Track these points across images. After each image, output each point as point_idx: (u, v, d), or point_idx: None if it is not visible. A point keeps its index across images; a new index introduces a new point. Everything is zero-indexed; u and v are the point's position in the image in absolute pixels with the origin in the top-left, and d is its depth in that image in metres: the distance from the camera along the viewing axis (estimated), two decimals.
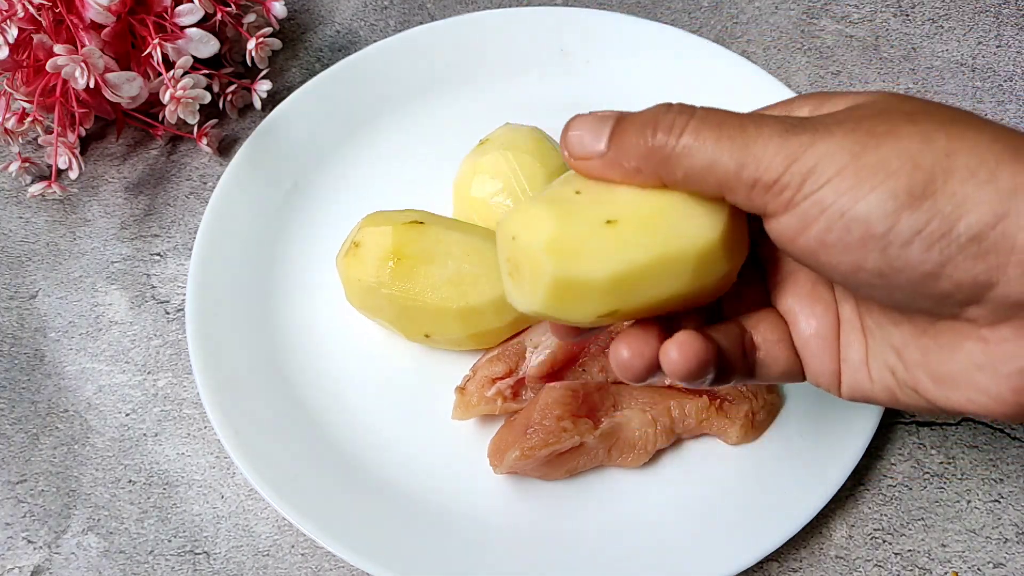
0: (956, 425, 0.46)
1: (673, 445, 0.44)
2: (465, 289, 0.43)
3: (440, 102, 0.56)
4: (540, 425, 0.41)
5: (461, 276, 0.43)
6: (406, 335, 0.45)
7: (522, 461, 0.41)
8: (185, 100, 0.50)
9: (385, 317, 0.45)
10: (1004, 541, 0.43)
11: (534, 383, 0.44)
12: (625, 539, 0.41)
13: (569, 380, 0.44)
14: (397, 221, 0.44)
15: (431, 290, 0.43)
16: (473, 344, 0.45)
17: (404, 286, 0.43)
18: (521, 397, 0.44)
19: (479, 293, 0.43)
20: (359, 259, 0.44)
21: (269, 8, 0.56)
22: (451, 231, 0.44)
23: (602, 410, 0.43)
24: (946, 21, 0.61)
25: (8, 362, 0.50)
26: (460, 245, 0.44)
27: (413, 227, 0.44)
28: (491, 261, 0.44)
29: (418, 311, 0.43)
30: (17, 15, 0.48)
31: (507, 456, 0.41)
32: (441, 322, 0.44)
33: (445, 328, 0.44)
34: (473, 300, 0.43)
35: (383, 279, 0.43)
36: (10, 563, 0.44)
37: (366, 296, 0.44)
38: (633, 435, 0.43)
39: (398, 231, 0.44)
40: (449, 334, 0.44)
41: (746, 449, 0.44)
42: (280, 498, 0.41)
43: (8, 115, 0.50)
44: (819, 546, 0.43)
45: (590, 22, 0.56)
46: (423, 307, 0.43)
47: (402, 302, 0.43)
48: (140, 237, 0.53)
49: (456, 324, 0.43)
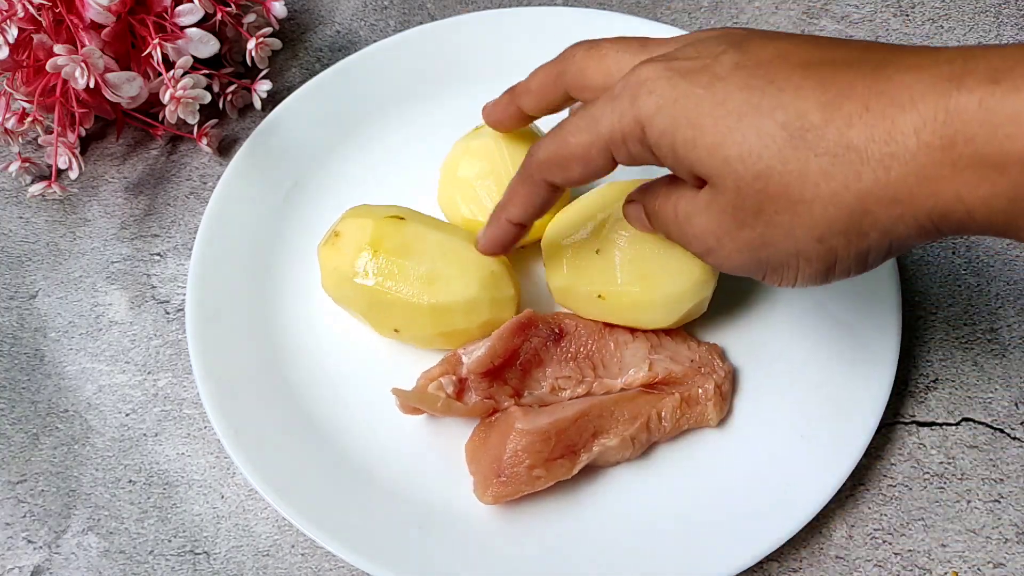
0: (956, 425, 0.46)
1: (672, 446, 0.44)
2: (437, 287, 0.43)
3: (440, 102, 0.56)
4: (512, 473, 0.41)
5: (435, 274, 0.43)
6: (377, 329, 0.45)
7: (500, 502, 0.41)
8: (185, 100, 0.50)
9: (357, 308, 0.44)
10: (1004, 541, 0.43)
11: (477, 383, 0.43)
12: (624, 539, 0.41)
13: (512, 383, 0.44)
14: (378, 215, 0.45)
15: (404, 285, 0.43)
16: (442, 343, 0.45)
17: (377, 279, 0.43)
18: (465, 399, 0.43)
19: (451, 292, 0.43)
20: (337, 248, 0.44)
21: (269, 8, 0.56)
22: (431, 230, 0.45)
23: (581, 443, 0.42)
24: (946, 21, 0.61)
25: (8, 362, 0.50)
26: (438, 244, 0.44)
27: (393, 222, 0.44)
28: (467, 262, 0.44)
29: (389, 305, 0.43)
30: (17, 15, 0.48)
31: (484, 496, 0.41)
32: (411, 318, 0.43)
33: (414, 324, 0.44)
34: (444, 298, 0.43)
35: (358, 270, 0.43)
36: (10, 563, 0.44)
37: (341, 285, 0.44)
38: (612, 458, 0.43)
39: (378, 224, 0.44)
40: (418, 331, 0.44)
41: (745, 450, 0.44)
42: (280, 498, 0.41)
43: (8, 115, 0.50)
44: (819, 546, 0.43)
45: (590, 22, 0.56)
46: (394, 301, 0.43)
47: (374, 294, 0.43)
48: (140, 237, 0.53)
49: (426, 321, 0.43)
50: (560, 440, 0.41)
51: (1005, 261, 0.51)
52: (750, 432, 0.44)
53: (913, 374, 0.47)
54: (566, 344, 0.45)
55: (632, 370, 0.44)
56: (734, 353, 0.46)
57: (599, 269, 0.43)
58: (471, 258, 0.44)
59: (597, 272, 0.43)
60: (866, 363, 0.44)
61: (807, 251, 0.32)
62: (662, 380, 0.44)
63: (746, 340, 0.47)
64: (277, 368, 0.47)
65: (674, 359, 0.44)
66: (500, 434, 0.42)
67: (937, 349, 0.48)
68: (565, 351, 0.45)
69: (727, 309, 0.47)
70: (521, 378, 0.44)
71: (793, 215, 0.31)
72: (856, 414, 0.43)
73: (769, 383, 0.45)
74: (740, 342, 0.47)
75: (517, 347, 0.44)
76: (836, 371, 0.45)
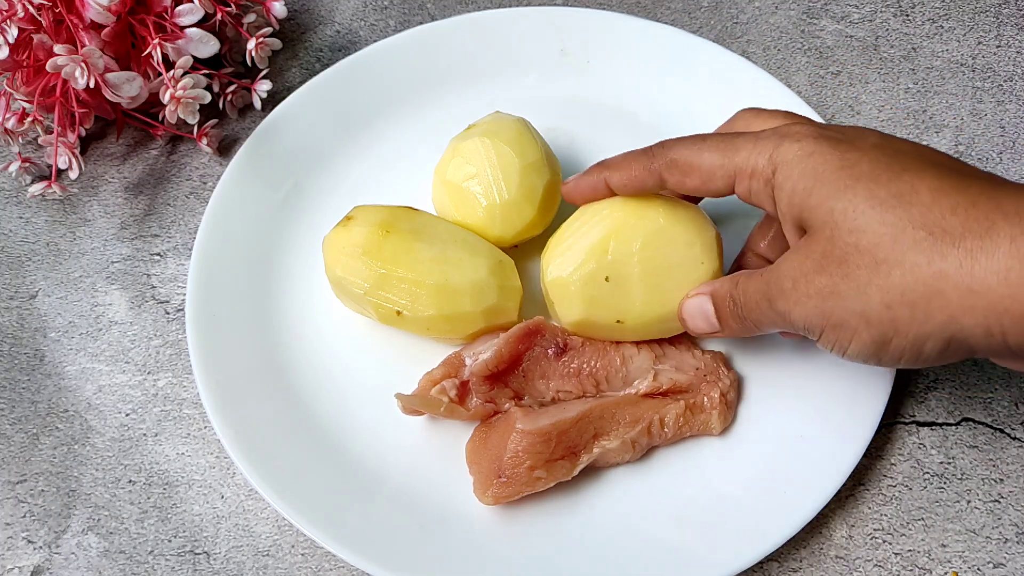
0: (956, 425, 0.46)
1: (673, 447, 0.44)
2: (447, 268, 0.44)
3: (440, 102, 0.56)
4: (512, 474, 0.41)
5: (445, 256, 0.44)
6: (378, 313, 0.44)
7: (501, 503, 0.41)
8: (185, 100, 0.50)
9: (362, 289, 0.44)
10: (1004, 541, 0.43)
11: (479, 386, 0.43)
12: (624, 540, 0.41)
13: (513, 386, 0.44)
14: (391, 206, 0.46)
15: (412, 263, 0.44)
16: (445, 329, 0.44)
17: (386, 255, 0.44)
18: (467, 404, 0.43)
19: (460, 274, 0.44)
20: (348, 229, 0.45)
21: (269, 8, 0.56)
22: (442, 220, 0.46)
23: (581, 445, 0.42)
24: (946, 21, 0.61)
25: (8, 362, 0.50)
26: (449, 231, 0.45)
27: (406, 210, 0.46)
28: (477, 248, 0.45)
29: (395, 281, 0.43)
30: (17, 15, 0.48)
31: (484, 497, 0.41)
32: (416, 297, 0.43)
33: (419, 305, 0.43)
34: (452, 279, 0.43)
35: (367, 247, 0.44)
36: (10, 563, 0.44)
37: (348, 263, 0.44)
38: (612, 460, 0.43)
39: (392, 210, 0.46)
40: (422, 311, 0.44)
41: (746, 450, 0.44)
42: (280, 498, 0.41)
43: (8, 115, 0.50)
44: (819, 546, 0.43)
45: (590, 22, 0.56)
46: (400, 278, 0.43)
47: (380, 270, 0.43)
48: (140, 237, 0.53)
49: (431, 301, 0.43)
50: (561, 441, 0.41)
51: None
52: (750, 433, 0.44)
53: (913, 374, 0.47)
54: (568, 359, 0.44)
55: (636, 381, 0.44)
56: (735, 360, 0.46)
57: (613, 296, 0.42)
58: (481, 246, 0.45)
59: (613, 300, 0.43)
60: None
61: (871, 314, 0.33)
62: (667, 390, 0.44)
63: (747, 346, 0.47)
64: (277, 368, 0.47)
65: (679, 368, 0.44)
66: (501, 434, 0.42)
67: None
68: (567, 366, 0.44)
69: None
70: (522, 384, 0.44)
71: (872, 273, 0.32)
72: (856, 414, 0.43)
73: (769, 385, 0.45)
74: (741, 348, 0.47)
75: (521, 354, 0.44)
76: (836, 371, 0.45)
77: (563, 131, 0.54)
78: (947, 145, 0.55)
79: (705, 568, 0.39)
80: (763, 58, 0.59)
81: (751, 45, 0.60)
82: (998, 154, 0.55)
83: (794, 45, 0.60)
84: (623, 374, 0.44)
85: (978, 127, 0.56)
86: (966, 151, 0.55)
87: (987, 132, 0.55)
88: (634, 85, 0.55)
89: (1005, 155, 0.55)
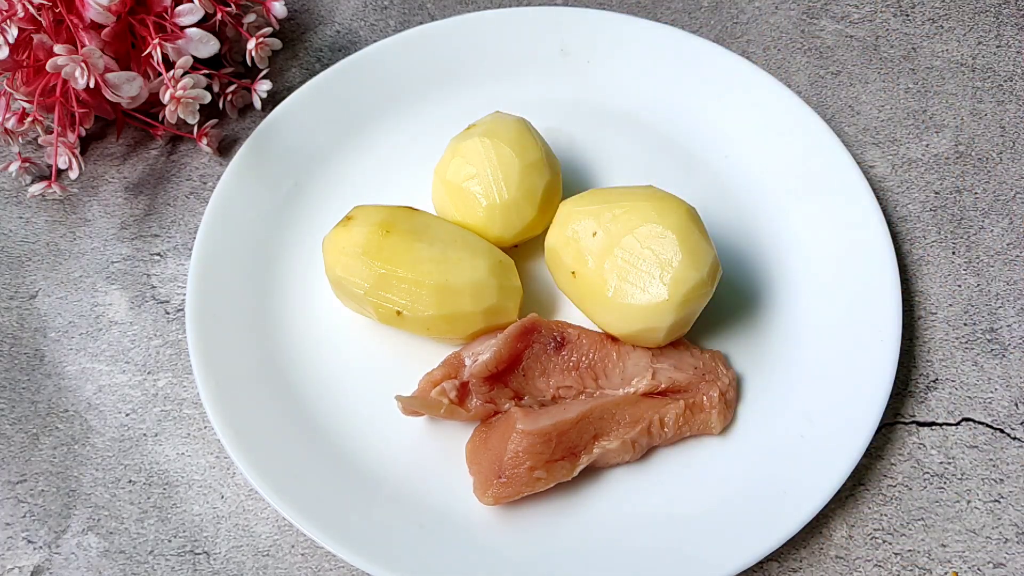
0: (956, 425, 0.46)
1: (673, 447, 0.44)
2: (447, 268, 0.44)
3: (440, 102, 0.56)
4: (512, 474, 0.41)
5: (445, 256, 0.44)
6: (378, 312, 0.45)
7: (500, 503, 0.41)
8: (185, 100, 0.50)
9: (362, 289, 0.44)
10: (1004, 541, 0.43)
11: (479, 387, 0.44)
12: (624, 540, 0.41)
13: (512, 386, 0.44)
14: (391, 206, 0.46)
15: (412, 263, 0.44)
16: (445, 329, 0.45)
17: (387, 255, 0.44)
18: (467, 404, 0.43)
19: (459, 273, 0.44)
20: (348, 229, 0.45)
21: (269, 8, 0.56)
22: (442, 221, 0.46)
23: (581, 445, 0.42)
24: (946, 21, 0.61)
25: (8, 362, 0.50)
26: (449, 232, 0.45)
27: (406, 210, 0.46)
28: (477, 249, 0.45)
29: (395, 281, 0.44)
30: (17, 15, 0.48)
31: (484, 497, 0.41)
32: (416, 297, 0.44)
33: (419, 304, 0.44)
34: (452, 279, 0.43)
35: (368, 247, 0.44)
36: (10, 563, 0.44)
37: (349, 263, 0.44)
38: (612, 460, 0.43)
39: (392, 210, 0.46)
40: (422, 311, 0.44)
41: (746, 449, 0.44)
42: (280, 498, 0.41)
43: (8, 115, 0.50)
44: (819, 546, 0.43)
45: (590, 22, 0.56)
46: (400, 278, 0.43)
47: (380, 270, 0.44)
48: (140, 237, 0.53)
49: (431, 301, 0.44)
50: (561, 442, 0.41)
51: (1005, 261, 0.51)
52: (750, 433, 0.44)
53: (913, 374, 0.47)
54: (567, 353, 0.45)
55: (635, 379, 0.44)
56: (735, 359, 0.46)
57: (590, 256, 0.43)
58: (481, 246, 0.45)
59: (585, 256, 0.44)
60: (866, 363, 0.44)
61: None
62: (665, 390, 0.44)
63: (747, 345, 0.47)
64: (277, 368, 0.47)
65: (677, 367, 0.44)
66: (501, 435, 0.42)
67: (937, 349, 0.48)
68: (567, 360, 0.45)
69: (728, 316, 0.47)
70: (522, 384, 0.44)
71: None
72: (856, 414, 0.43)
73: (769, 386, 0.46)
74: (741, 348, 0.47)
75: (520, 352, 0.44)
76: (836, 372, 0.45)
77: (563, 131, 0.54)
78: (947, 145, 0.55)
79: (705, 568, 0.39)
80: (763, 58, 0.59)
81: (751, 45, 0.60)
82: (998, 154, 0.55)
83: (794, 45, 0.60)
84: (620, 369, 0.44)
85: (978, 127, 0.56)
86: (966, 151, 0.55)
87: (987, 132, 0.55)
88: (634, 85, 0.55)
89: (1005, 155, 0.55)
